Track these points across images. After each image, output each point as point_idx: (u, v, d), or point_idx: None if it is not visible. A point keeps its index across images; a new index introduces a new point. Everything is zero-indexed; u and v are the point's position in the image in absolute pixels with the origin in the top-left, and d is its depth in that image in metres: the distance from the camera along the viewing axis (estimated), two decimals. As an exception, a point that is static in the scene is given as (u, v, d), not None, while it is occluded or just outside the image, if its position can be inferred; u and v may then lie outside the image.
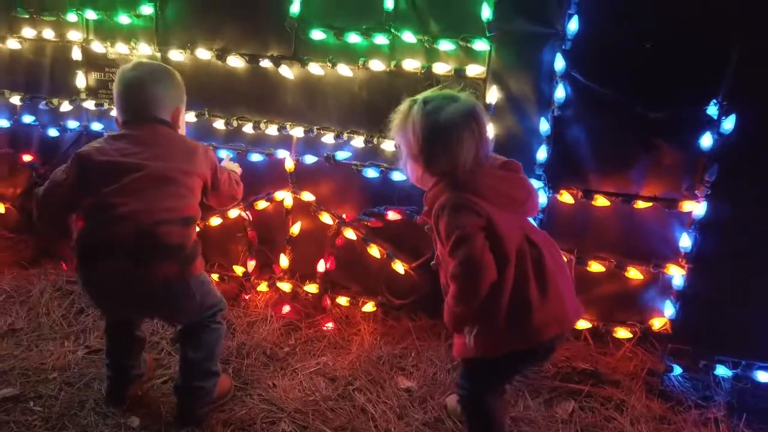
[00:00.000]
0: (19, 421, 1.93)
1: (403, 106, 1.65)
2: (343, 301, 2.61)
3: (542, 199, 2.30)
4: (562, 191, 2.29)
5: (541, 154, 2.27)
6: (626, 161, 2.24)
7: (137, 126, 1.93)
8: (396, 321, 2.56)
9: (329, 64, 2.42)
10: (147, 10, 2.60)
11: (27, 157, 3.00)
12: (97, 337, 2.38)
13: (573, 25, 2.12)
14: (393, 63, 2.38)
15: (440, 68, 2.33)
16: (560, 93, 2.19)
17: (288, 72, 2.50)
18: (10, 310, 2.54)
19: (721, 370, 2.18)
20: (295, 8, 2.42)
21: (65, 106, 2.84)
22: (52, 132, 2.91)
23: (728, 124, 2.04)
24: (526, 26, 2.22)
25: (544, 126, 2.25)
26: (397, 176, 2.46)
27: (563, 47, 2.15)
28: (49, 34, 2.82)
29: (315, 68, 2.44)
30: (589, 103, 2.20)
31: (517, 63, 2.27)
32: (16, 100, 2.92)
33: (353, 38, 2.39)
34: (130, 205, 1.78)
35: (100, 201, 1.81)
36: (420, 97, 1.63)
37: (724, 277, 2.20)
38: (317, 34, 2.43)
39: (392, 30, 2.33)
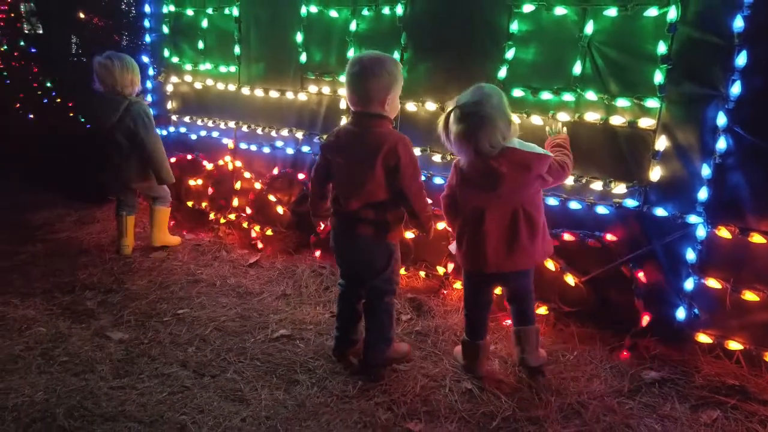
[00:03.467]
0: (292, 350, 2.73)
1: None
2: (520, 303, 3.01)
3: (701, 232, 2.58)
4: (720, 227, 2.50)
5: (702, 194, 2.52)
6: (783, 205, 2.37)
7: (351, 121, 2.37)
8: (564, 325, 2.89)
9: (525, 115, 2.92)
10: (394, 73, 3.38)
11: (301, 176, 3.87)
12: (338, 306, 3.18)
13: (736, 89, 2.38)
14: (576, 115, 2.78)
15: (616, 120, 2.70)
16: (722, 144, 2.44)
17: (492, 121, 3.09)
18: (282, 282, 3.46)
19: None
20: (502, 73, 2.97)
21: (330, 141, 3.73)
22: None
23: None
24: (693, 89, 2.50)
25: (706, 171, 2.50)
26: (573, 205, 2.86)
27: (726, 106, 2.41)
28: (326, 89, 3.64)
29: (513, 118, 2.92)
30: (750, 154, 2.41)
31: (684, 118, 2.55)
32: (299, 134, 3.82)
33: (545, 95, 2.86)
34: (348, 195, 2.37)
35: (334, 189, 2.48)
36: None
37: None
38: (517, 92, 2.94)
39: (578, 90, 2.76)
